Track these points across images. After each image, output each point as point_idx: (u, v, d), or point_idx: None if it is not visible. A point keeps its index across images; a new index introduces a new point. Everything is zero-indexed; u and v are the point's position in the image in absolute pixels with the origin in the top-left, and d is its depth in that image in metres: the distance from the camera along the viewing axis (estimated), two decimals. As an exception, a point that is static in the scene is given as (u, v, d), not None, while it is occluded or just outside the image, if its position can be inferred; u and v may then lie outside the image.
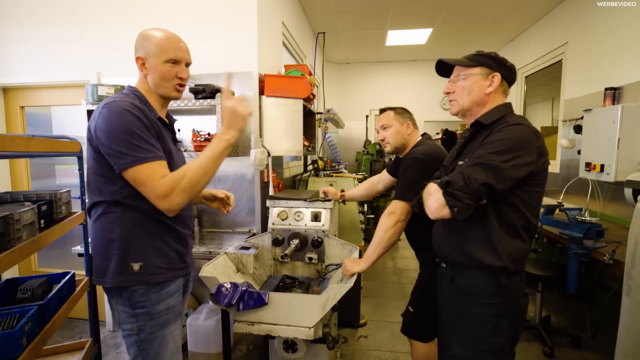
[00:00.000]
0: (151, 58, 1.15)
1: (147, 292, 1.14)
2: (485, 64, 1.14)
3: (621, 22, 2.76)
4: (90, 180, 1.15)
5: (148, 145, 1.06)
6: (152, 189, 1.04)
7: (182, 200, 1.08)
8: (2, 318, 1.31)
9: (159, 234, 1.16)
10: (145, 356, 1.16)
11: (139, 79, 1.21)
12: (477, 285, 1.12)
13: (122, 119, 1.05)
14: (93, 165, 1.12)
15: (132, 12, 2.40)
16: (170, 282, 1.19)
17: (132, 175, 1.05)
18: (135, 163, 1.03)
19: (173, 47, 1.16)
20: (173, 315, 1.21)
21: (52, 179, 2.93)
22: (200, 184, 1.10)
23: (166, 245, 1.18)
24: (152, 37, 1.15)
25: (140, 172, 1.04)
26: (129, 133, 1.04)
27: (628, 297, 1.53)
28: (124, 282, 1.11)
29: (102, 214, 1.13)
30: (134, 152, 1.03)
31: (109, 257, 1.12)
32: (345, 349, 2.44)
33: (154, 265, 1.14)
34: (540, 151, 1.05)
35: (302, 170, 3.39)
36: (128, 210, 1.12)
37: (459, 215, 1.00)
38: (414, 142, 1.68)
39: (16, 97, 2.71)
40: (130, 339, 1.15)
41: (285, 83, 2.19)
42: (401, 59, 5.95)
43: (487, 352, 1.10)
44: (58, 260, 2.86)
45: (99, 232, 1.14)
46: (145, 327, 1.14)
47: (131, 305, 1.13)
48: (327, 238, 1.83)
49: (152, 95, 1.20)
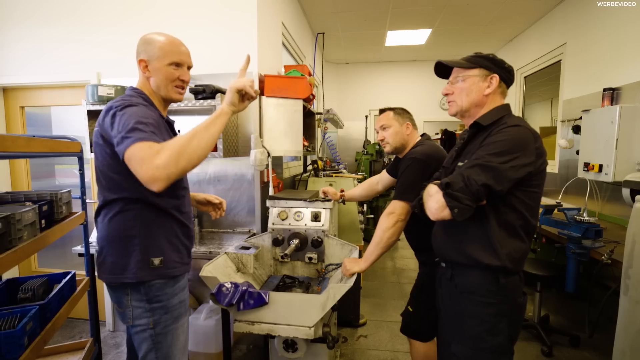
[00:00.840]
0: (154, 61, 1.18)
1: (163, 286, 1.18)
2: (483, 65, 1.15)
3: (620, 23, 2.77)
4: (106, 178, 1.15)
5: (149, 129, 1.02)
6: (145, 160, 0.94)
7: (179, 164, 0.96)
8: (4, 318, 1.31)
9: (174, 230, 1.22)
10: (159, 350, 1.18)
11: (141, 81, 1.23)
12: (476, 285, 1.12)
13: (133, 110, 1.05)
14: (110, 163, 1.12)
15: (132, 12, 2.40)
16: (181, 277, 1.25)
17: (128, 155, 0.97)
18: (133, 142, 0.97)
19: (176, 51, 1.19)
20: (184, 308, 1.26)
21: (52, 179, 2.94)
22: (192, 146, 0.98)
23: (179, 241, 1.24)
24: (155, 40, 1.18)
25: (136, 149, 0.96)
26: (134, 118, 1.02)
27: (625, 296, 1.54)
28: (146, 276, 1.15)
29: (120, 212, 1.15)
30: (132, 131, 0.99)
31: (130, 253, 1.15)
32: (345, 348, 2.44)
33: (171, 259, 1.20)
34: (539, 152, 1.06)
35: (301, 170, 3.40)
36: (146, 206, 1.15)
37: (460, 216, 1.01)
38: (413, 142, 1.69)
39: (16, 97, 2.71)
40: (145, 333, 1.17)
41: (285, 83, 2.19)
42: (400, 60, 5.96)
43: (486, 350, 1.11)
44: (57, 260, 2.86)
45: (116, 229, 1.16)
46: (161, 321, 1.18)
47: (148, 300, 1.16)
48: (326, 238, 1.84)
49: (154, 97, 1.23)
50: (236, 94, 1.12)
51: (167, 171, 0.93)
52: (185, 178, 1.31)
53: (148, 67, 1.19)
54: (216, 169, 2.36)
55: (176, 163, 0.95)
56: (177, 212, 1.22)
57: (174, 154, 0.95)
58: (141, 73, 1.21)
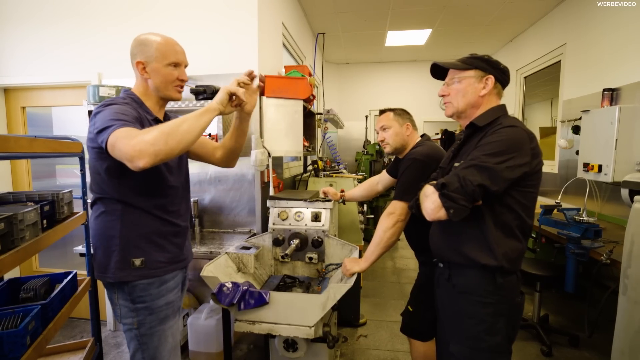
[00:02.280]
0: (152, 62, 1.17)
1: (147, 287, 1.18)
2: (478, 66, 1.16)
3: (619, 23, 2.77)
4: (92, 178, 1.19)
5: (127, 118, 1.03)
6: (128, 143, 0.94)
7: (163, 144, 0.94)
8: (6, 317, 1.32)
9: (159, 230, 1.21)
10: (145, 350, 1.19)
11: (137, 83, 1.23)
12: (474, 285, 1.13)
13: (112, 108, 1.07)
14: (94, 163, 1.15)
15: (133, 13, 2.41)
16: (169, 278, 1.23)
17: (111, 141, 0.96)
18: (113, 129, 0.98)
19: (173, 51, 1.19)
20: (172, 310, 1.25)
21: (53, 179, 2.94)
22: (182, 129, 0.98)
23: (165, 240, 1.23)
24: (151, 41, 1.18)
25: (117, 134, 0.97)
26: (112, 111, 1.05)
27: (624, 296, 1.55)
28: (125, 277, 1.15)
29: (104, 212, 1.17)
30: (111, 121, 1.00)
31: (110, 253, 1.16)
32: (345, 348, 2.45)
33: (154, 260, 1.19)
34: (534, 152, 1.06)
35: (302, 170, 3.40)
36: (128, 207, 1.16)
37: (455, 217, 1.01)
38: (413, 143, 1.70)
39: (17, 98, 2.72)
40: (131, 333, 1.19)
41: (286, 84, 2.20)
42: (400, 60, 5.97)
43: (484, 350, 1.12)
44: (59, 260, 2.87)
45: (100, 228, 1.18)
46: (145, 322, 1.18)
47: (132, 300, 1.17)
48: (327, 238, 1.85)
49: (149, 98, 1.23)
50: (227, 95, 1.14)
51: (155, 147, 0.92)
52: (175, 175, 1.27)
53: (146, 68, 1.18)
54: (217, 169, 2.36)
55: (165, 141, 0.94)
56: (161, 212, 1.21)
57: (164, 133, 0.95)
58: (138, 75, 1.21)
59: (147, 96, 1.23)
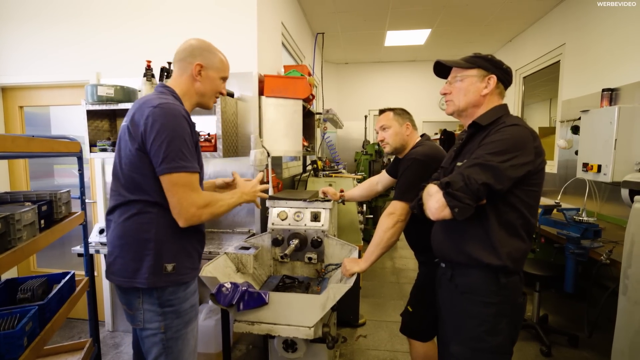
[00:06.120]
0: (211, 70, 1.24)
1: (175, 291, 1.17)
2: (481, 66, 1.16)
3: (618, 23, 2.78)
4: (125, 177, 1.14)
5: (191, 155, 1.12)
6: (188, 197, 1.10)
7: (206, 217, 1.16)
8: (3, 318, 1.31)
9: (189, 236, 1.21)
10: (169, 354, 1.17)
11: (183, 80, 1.23)
12: (477, 285, 1.13)
13: (176, 124, 1.09)
14: (135, 163, 1.11)
15: (132, 15, 2.40)
16: (192, 282, 1.25)
17: (174, 180, 1.08)
18: (179, 170, 1.08)
19: (228, 68, 1.32)
20: (195, 313, 1.26)
21: (51, 179, 2.93)
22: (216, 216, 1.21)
23: (192, 247, 1.23)
24: (216, 52, 1.27)
25: (182, 178, 1.09)
26: (180, 140, 1.08)
27: (624, 296, 1.55)
28: (158, 282, 1.13)
29: (137, 214, 1.13)
30: (180, 159, 1.08)
31: (142, 257, 1.12)
32: (344, 348, 2.45)
33: (183, 265, 1.18)
34: (538, 151, 1.06)
35: (301, 170, 3.40)
36: (164, 211, 1.13)
37: (460, 216, 1.01)
38: (413, 142, 1.69)
39: (15, 97, 2.71)
40: (155, 337, 1.16)
41: (285, 84, 2.20)
42: (400, 60, 5.97)
43: (485, 350, 1.11)
44: (56, 260, 2.85)
45: (130, 231, 1.13)
46: (172, 325, 1.16)
47: (160, 304, 1.14)
48: (326, 238, 1.84)
49: (189, 99, 1.25)
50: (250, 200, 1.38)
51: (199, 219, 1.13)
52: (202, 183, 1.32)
53: (202, 72, 1.22)
54: (216, 169, 2.35)
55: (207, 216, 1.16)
56: None
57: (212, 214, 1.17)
58: (189, 74, 1.22)
59: (187, 96, 1.24)
